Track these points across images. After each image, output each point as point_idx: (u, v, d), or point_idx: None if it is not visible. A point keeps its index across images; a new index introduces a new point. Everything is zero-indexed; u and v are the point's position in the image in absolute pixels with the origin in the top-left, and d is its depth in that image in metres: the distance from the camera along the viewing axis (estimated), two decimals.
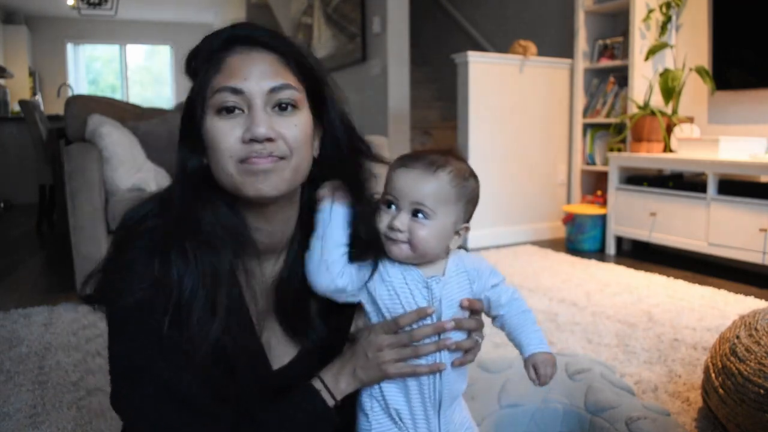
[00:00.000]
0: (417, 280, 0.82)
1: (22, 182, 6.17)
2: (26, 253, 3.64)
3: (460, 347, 0.83)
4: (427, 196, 0.80)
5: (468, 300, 0.84)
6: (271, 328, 0.86)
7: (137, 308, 0.72)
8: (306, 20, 5.69)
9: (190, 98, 0.78)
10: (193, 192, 0.77)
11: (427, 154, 0.83)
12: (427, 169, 0.81)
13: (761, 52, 2.99)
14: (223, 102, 0.73)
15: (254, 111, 0.73)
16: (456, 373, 0.85)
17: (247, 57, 0.75)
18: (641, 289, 2.64)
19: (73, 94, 3.60)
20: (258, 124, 0.72)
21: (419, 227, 0.80)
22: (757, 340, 1.30)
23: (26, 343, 2.05)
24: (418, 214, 0.81)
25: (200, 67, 0.77)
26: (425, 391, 0.83)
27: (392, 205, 0.81)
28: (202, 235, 0.76)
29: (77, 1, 7.11)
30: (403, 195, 0.80)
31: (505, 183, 3.82)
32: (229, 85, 0.73)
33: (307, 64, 0.79)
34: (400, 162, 0.83)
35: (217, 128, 0.74)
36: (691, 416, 1.46)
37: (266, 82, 0.74)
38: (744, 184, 2.76)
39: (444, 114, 5.38)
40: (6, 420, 1.50)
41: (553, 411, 1.25)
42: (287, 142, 0.74)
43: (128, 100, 8.63)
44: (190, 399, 0.73)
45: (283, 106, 0.75)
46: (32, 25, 8.65)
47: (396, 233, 0.80)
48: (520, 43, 3.84)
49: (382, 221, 0.81)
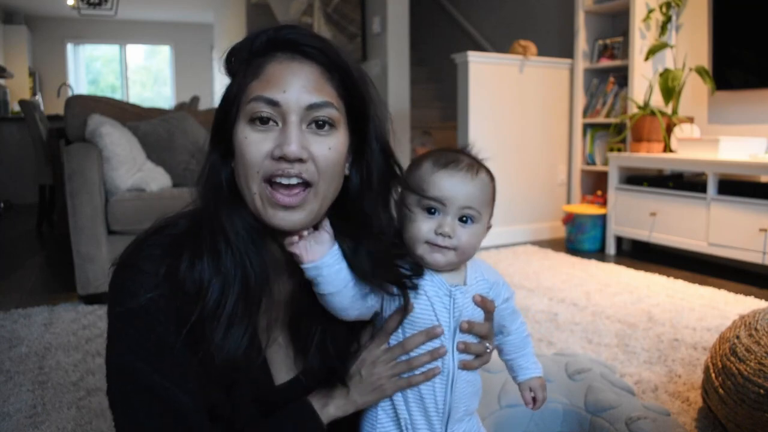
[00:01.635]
0: (440, 289, 0.79)
1: (22, 182, 6.17)
2: (26, 253, 3.64)
3: (468, 349, 0.80)
4: (474, 199, 0.79)
5: (480, 296, 0.81)
6: (277, 343, 0.83)
7: (143, 310, 0.69)
8: (306, 20, 5.69)
9: (225, 99, 0.73)
10: (226, 198, 0.73)
11: (454, 155, 0.81)
12: (470, 172, 0.79)
13: (761, 52, 2.99)
14: (258, 112, 0.69)
15: (288, 127, 0.69)
16: (467, 382, 0.82)
17: (287, 66, 0.71)
18: (641, 289, 2.64)
19: (73, 94, 3.60)
20: (290, 142, 0.67)
21: (467, 232, 0.79)
22: (757, 340, 1.30)
23: (26, 343, 2.05)
24: (465, 219, 0.79)
25: (238, 68, 0.73)
26: (431, 402, 0.80)
27: (435, 211, 0.79)
28: (235, 241, 0.72)
29: (77, 1, 7.10)
30: (450, 200, 0.78)
31: (505, 183, 3.81)
32: (266, 95, 0.69)
33: (353, 80, 0.74)
34: (436, 165, 0.79)
35: (248, 139, 0.69)
36: (691, 416, 1.46)
37: (305, 97, 0.69)
38: (744, 184, 2.76)
39: (444, 114, 5.38)
40: (6, 420, 1.50)
41: (553, 411, 1.25)
42: (317, 165, 0.70)
43: (128, 100, 8.64)
44: (185, 414, 0.70)
45: (320, 123, 0.70)
46: (32, 25, 8.66)
47: (445, 239, 0.77)
48: (520, 43, 3.84)
49: (421, 228, 0.78)
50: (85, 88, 9.61)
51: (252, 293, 0.73)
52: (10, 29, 8.05)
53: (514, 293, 0.88)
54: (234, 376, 0.74)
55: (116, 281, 0.72)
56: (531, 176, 3.92)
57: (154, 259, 0.71)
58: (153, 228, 0.76)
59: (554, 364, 1.33)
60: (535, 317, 2.26)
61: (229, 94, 0.73)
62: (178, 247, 0.72)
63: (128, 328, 0.70)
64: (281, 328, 0.83)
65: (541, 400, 0.86)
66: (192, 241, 0.72)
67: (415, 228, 0.78)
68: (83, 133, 2.66)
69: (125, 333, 0.70)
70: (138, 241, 0.74)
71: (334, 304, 0.76)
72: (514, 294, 0.88)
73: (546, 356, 1.41)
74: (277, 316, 0.81)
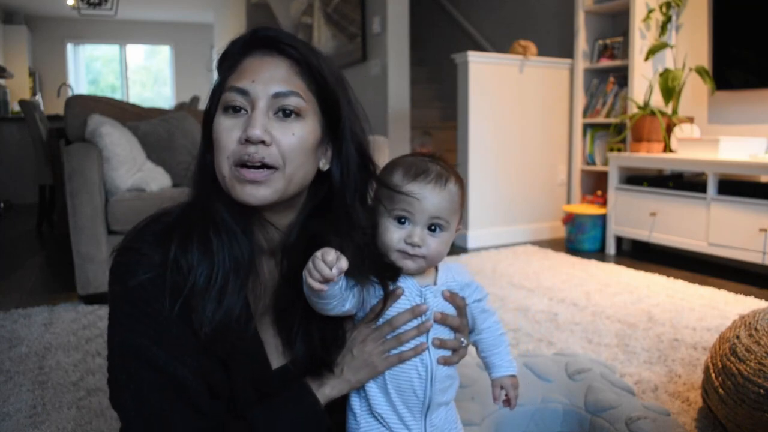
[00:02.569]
0: (412, 290, 0.84)
1: (22, 182, 6.17)
2: (26, 253, 3.64)
3: (444, 345, 0.84)
4: (443, 209, 0.82)
5: (449, 292, 0.85)
6: (267, 328, 0.86)
7: (141, 288, 0.74)
8: (306, 20, 5.69)
9: (210, 96, 0.81)
10: (211, 185, 0.79)
11: (424, 164, 0.84)
12: (438, 183, 0.82)
13: (761, 52, 2.99)
14: (231, 101, 0.75)
15: (254, 113, 0.74)
16: (446, 377, 0.86)
17: (260, 60, 0.77)
18: (641, 289, 2.64)
19: (73, 94, 3.60)
20: (253, 126, 0.73)
21: (435, 240, 0.82)
22: (757, 340, 1.30)
23: (26, 343, 2.05)
24: (434, 228, 0.83)
25: (222, 68, 0.80)
26: (411, 396, 0.83)
27: (405, 221, 0.82)
28: (223, 225, 0.77)
29: (77, 1, 7.11)
30: (419, 211, 0.81)
31: (505, 183, 3.82)
32: (237, 85, 0.75)
33: (324, 77, 0.79)
34: (406, 176, 0.82)
35: (221, 126, 0.76)
36: (691, 416, 1.46)
37: (272, 87, 0.75)
38: (744, 184, 2.76)
39: (444, 114, 5.38)
40: (6, 420, 1.50)
41: (553, 411, 1.25)
42: (281, 149, 0.75)
43: (128, 100, 8.65)
44: (185, 388, 0.73)
45: (287, 112, 0.76)
46: (32, 25, 8.66)
47: (415, 248, 0.81)
48: (520, 43, 3.84)
49: (392, 237, 0.82)
50: (85, 88, 9.61)
51: (240, 269, 0.78)
52: (10, 29, 8.06)
53: (487, 295, 0.91)
54: (229, 350, 0.77)
55: (116, 263, 0.78)
56: (531, 176, 3.92)
57: (151, 243, 0.77)
58: (151, 217, 0.82)
59: (554, 364, 1.33)
60: (535, 317, 2.26)
61: (213, 91, 0.80)
62: (172, 232, 0.77)
63: (128, 306, 0.75)
64: (270, 314, 0.86)
65: (513, 398, 0.90)
66: (184, 226, 0.78)
67: (386, 237, 0.82)
68: (83, 133, 2.66)
69: (125, 311, 0.75)
70: (136, 228, 0.80)
71: (318, 304, 0.79)
72: (488, 296, 0.91)
73: (546, 356, 1.41)
74: (265, 300, 0.85)
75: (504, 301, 2.48)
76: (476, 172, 3.69)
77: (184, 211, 0.81)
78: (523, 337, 2.03)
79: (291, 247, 0.83)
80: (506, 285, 2.74)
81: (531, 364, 1.32)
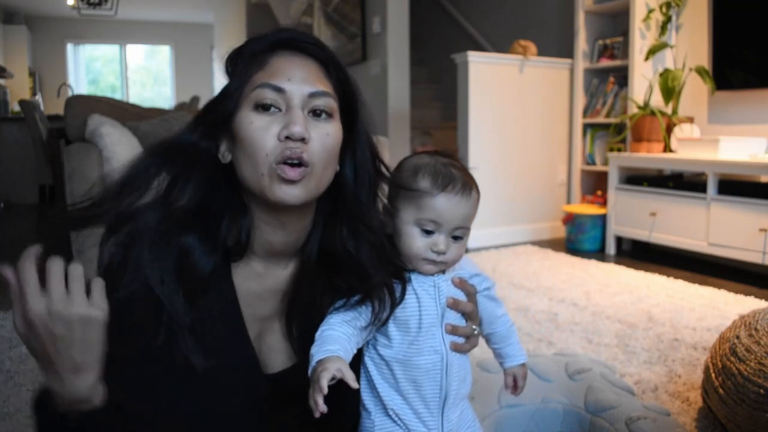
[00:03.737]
0: (425, 280, 0.85)
1: (22, 182, 6.16)
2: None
3: (456, 331, 0.85)
4: (468, 218, 0.84)
5: (459, 278, 0.87)
6: (274, 331, 0.85)
7: (131, 300, 0.73)
8: (306, 20, 5.69)
9: (223, 92, 0.78)
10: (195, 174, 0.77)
11: (448, 171, 0.84)
12: (465, 193, 0.83)
13: (761, 52, 2.99)
14: (263, 98, 0.74)
15: (293, 110, 0.74)
16: (460, 368, 0.86)
17: (290, 60, 0.77)
18: (641, 289, 2.64)
19: (73, 94, 3.60)
20: (296, 123, 0.73)
21: (458, 245, 0.84)
22: (757, 340, 1.30)
23: None
24: (457, 235, 0.84)
25: (239, 67, 0.78)
26: (429, 388, 0.83)
27: (431, 231, 0.83)
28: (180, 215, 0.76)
29: (77, 1, 7.11)
30: (447, 221, 0.82)
31: (505, 183, 3.82)
32: (272, 82, 0.74)
33: (346, 77, 0.81)
34: (435, 186, 0.82)
35: (254, 124, 0.74)
36: (691, 416, 1.46)
37: (307, 87, 0.75)
38: (744, 184, 2.76)
39: (444, 114, 5.38)
40: (6, 420, 1.50)
41: (553, 411, 1.25)
42: (316, 149, 0.75)
43: (128, 100, 8.64)
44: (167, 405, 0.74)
45: (318, 112, 0.76)
46: (32, 25, 8.66)
47: (439, 255, 0.83)
48: (520, 43, 3.84)
49: (418, 246, 0.83)
50: (85, 88, 9.62)
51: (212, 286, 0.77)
52: (10, 29, 8.06)
53: (494, 284, 0.93)
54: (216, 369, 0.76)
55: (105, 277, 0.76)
56: (531, 176, 3.92)
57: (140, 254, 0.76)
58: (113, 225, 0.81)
59: (554, 364, 1.33)
60: (535, 317, 2.26)
61: (229, 88, 0.77)
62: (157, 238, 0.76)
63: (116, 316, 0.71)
64: (279, 317, 0.85)
65: (522, 387, 0.94)
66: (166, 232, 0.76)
67: (412, 245, 0.83)
68: (83, 133, 2.66)
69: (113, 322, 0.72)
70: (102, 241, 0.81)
71: None
72: (495, 285, 0.93)
73: (546, 356, 1.41)
74: (273, 306, 0.84)
75: (504, 301, 2.47)
76: (476, 172, 3.63)
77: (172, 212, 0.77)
78: (523, 337, 2.03)
79: (308, 253, 0.83)
80: (506, 285, 2.74)
81: (531, 364, 1.32)
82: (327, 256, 0.83)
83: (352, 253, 0.81)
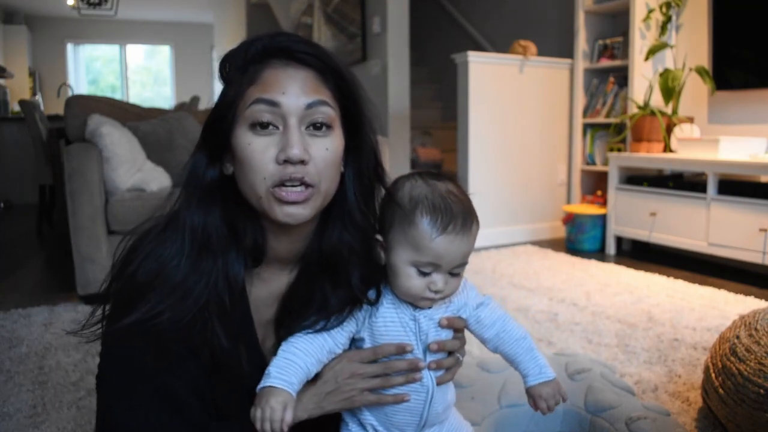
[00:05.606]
0: (405, 313, 0.82)
1: (22, 182, 6.17)
2: (26, 253, 3.64)
3: (440, 366, 0.83)
4: (467, 254, 0.81)
5: (447, 318, 0.83)
6: (270, 335, 0.85)
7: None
8: (306, 20, 5.69)
9: (221, 103, 0.76)
10: (209, 200, 0.77)
11: (447, 205, 0.78)
12: (465, 230, 0.78)
13: (761, 52, 2.99)
14: (259, 117, 0.72)
15: (289, 130, 0.72)
16: (441, 394, 0.85)
17: (284, 71, 0.74)
18: (641, 289, 2.64)
19: (73, 94, 3.60)
20: (293, 145, 0.71)
21: (455, 280, 0.81)
22: (757, 340, 1.30)
23: (26, 343, 2.05)
24: (456, 272, 0.81)
25: (234, 75, 0.75)
26: (407, 417, 0.83)
27: (428, 273, 0.79)
28: (215, 243, 0.76)
29: (77, 1, 7.10)
30: (447, 263, 0.79)
31: (505, 183, 3.82)
32: (266, 96, 0.72)
33: (346, 83, 0.78)
34: (434, 228, 0.77)
35: (251, 145, 0.72)
36: (691, 416, 1.46)
37: (303, 98, 0.73)
38: (744, 184, 2.76)
39: (444, 114, 5.38)
40: (6, 420, 1.50)
41: (553, 411, 1.25)
42: (317, 167, 0.73)
43: (128, 100, 8.64)
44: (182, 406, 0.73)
45: (318, 125, 0.74)
46: (32, 25, 8.66)
47: (439, 294, 0.80)
48: (520, 43, 3.84)
49: (416, 286, 0.79)
50: (85, 88, 9.61)
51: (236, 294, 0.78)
52: (10, 29, 8.06)
53: (490, 299, 0.88)
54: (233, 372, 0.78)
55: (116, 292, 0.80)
56: (531, 176, 3.92)
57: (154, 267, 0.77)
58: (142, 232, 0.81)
59: (554, 364, 1.33)
60: (535, 317, 2.26)
61: (225, 99, 0.75)
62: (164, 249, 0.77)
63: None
64: (275, 322, 0.85)
65: (550, 409, 0.85)
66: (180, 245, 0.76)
67: (409, 285, 0.80)
68: (83, 133, 2.66)
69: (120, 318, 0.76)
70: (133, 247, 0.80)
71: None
72: (490, 298, 0.88)
73: (546, 356, 1.41)
74: (273, 312, 0.84)
75: (504, 301, 2.48)
76: (476, 172, 3.69)
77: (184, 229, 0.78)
78: None
79: (310, 256, 0.83)
80: (506, 285, 2.74)
81: None
82: (325, 258, 0.83)
83: (343, 253, 0.80)
